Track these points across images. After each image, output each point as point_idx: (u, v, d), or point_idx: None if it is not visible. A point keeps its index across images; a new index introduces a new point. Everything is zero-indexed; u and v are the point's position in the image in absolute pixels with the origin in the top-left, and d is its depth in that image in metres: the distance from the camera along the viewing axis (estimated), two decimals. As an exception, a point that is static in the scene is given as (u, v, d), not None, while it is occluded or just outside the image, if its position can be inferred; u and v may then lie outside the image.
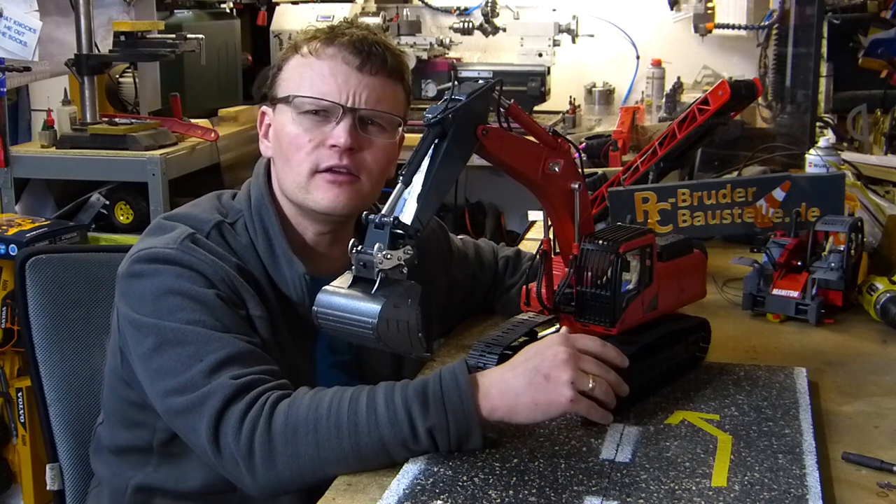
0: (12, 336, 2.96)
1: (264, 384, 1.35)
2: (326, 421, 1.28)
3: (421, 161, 1.24)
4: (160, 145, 3.17)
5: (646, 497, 1.16)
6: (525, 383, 1.28)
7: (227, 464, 1.32)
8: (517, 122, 1.37)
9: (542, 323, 1.48)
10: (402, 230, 1.20)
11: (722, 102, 1.91)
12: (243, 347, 1.39)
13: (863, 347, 1.70)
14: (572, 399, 1.27)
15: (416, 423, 1.25)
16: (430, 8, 4.51)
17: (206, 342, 1.38)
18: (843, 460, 1.28)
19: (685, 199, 1.92)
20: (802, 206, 1.90)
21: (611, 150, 2.90)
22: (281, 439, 1.28)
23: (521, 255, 1.92)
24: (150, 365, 1.41)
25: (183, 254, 1.45)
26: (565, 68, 4.27)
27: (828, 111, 3.09)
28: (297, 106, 1.52)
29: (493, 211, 4.41)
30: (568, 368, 1.28)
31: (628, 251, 1.39)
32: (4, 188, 3.18)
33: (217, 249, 1.49)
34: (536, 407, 1.27)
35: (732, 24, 3.82)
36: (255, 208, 1.55)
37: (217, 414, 1.31)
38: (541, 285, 1.43)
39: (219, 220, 1.54)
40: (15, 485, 3.12)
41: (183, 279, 1.43)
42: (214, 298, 1.42)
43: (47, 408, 1.81)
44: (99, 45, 3.36)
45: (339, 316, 1.21)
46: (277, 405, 1.31)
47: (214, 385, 1.33)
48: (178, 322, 1.40)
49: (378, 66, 1.53)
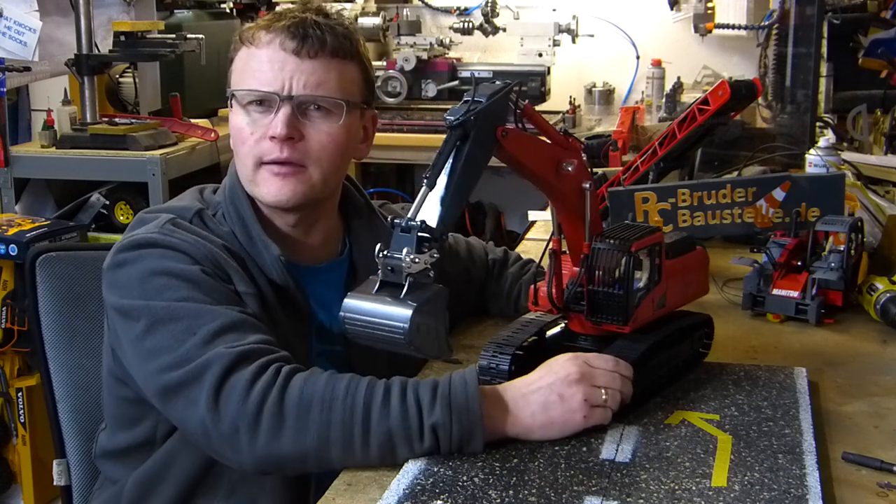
0: (12, 336, 2.96)
1: (267, 354, 1.32)
2: (343, 402, 1.26)
3: (444, 163, 1.24)
4: (160, 145, 3.17)
5: (646, 497, 1.16)
6: (541, 402, 1.29)
7: (224, 431, 1.27)
8: (532, 122, 1.37)
9: (551, 322, 1.48)
10: (429, 234, 1.19)
11: (722, 102, 1.91)
12: (237, 317, 1.37)
13: (863, 347, 1.70)
14: (586, 416, 1.30)
15: (424, 418, 1.25)
16: (430, 8, 4.51)
17: (198, 315, 1.36)
18: (843, 460, 1.27)
19: (685, 199, 1.92)
20: (802, 206, 1.90)
21: (611, 150, 2.89)
22: (293, 411, 1.26)
23: (508, 256, 1.92)
24: (142, 347, 1.38)
25: (165, 236, 1.44)
26: (565, 68, 4.27)
27: (828, 111, 3.09)
28: (240, 99, 1.52)
29: (493, 211, 4.41)
30: (581, 387, 1.30)
31: (639, 249, 1.39)
32: (4, 188, 3.18)
33: (200, 231, 1.49)
34: (552, 426, 1.30)
35: (732, 24, 3.82)
36: (230, 198, 1.55)
37: (218, 381, 1.28)
38: (550, 285, 1.43)
39: (200, 208, 1.54)
40: (15, 485, 3.12)
41: (167, 259, 1.42)
42: (200, 274, 1.41)
43: (56, 404, 1.82)
44: (99, 45, 3.36)
45: (367, 321, 1.20)
46: (293, 376, 1.29)
47: (212, 355, 1.30)
48: (167, 301, 1.38)
49: (316, 48, 1.49)
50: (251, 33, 1.52)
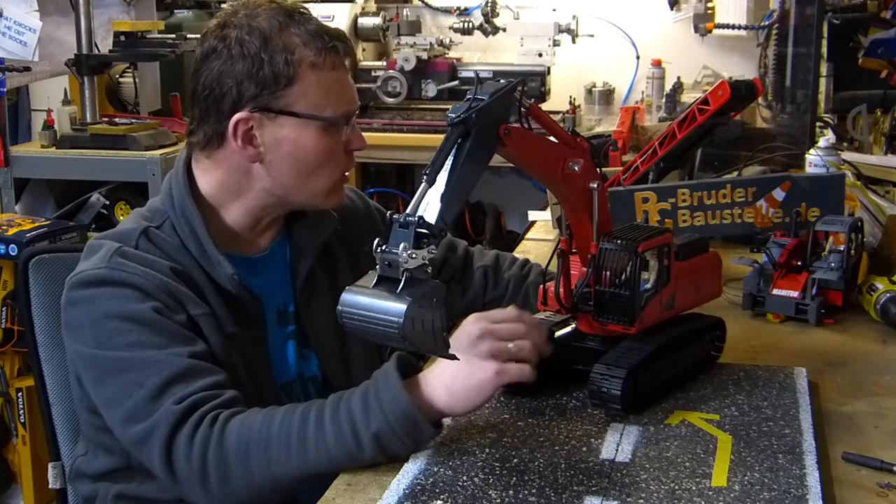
0: (12, 336, 2.97)
1: (210, 401, 1.35)
2: (277, 439, 1.30)
3: (444, 160, 1.24)
4: (160, 145, 3.17)
5: (646, 497, 1.16)
6: (451, 373, 1.30)
7: (184, 487, 1.34)
8: (537, 121, 1.37)
9: (559, 322, 1.48)
10: (427, 230, 1.20)
11: (722, 102, 1.91)
12: (183, 364, 1.38)
13: (863, 347, 1.70)
14: (498, 371, 1.29)
15: (360, 433, 1.27)
16: (430, 8, 4.51)
17: (145, 366, 1.38)
18: (843, 460, 1.28)
19: (685, 199, 1.92)
20: (802, 206, 1.90)
21: (611, 150, 2.89)
22: (234, 457, 1.31)
23: (501, 261, 1.89)
24: (98, 396, 1.44)
25: (112, 270, 1.44)
26: (565, 68, 4.27)
27: (828, 111, 3.09)
28: (326, 120, 1.51)
29: (493, 211, 4.41)
30: (485, 342, 1.30)
31: (647, 250, 1.39)
32: (4, 188, 3.18)
33: (147, 257, 1.48)
34: (469, 391, 1.29)
35: (732, 24, 3.81)
36: (179, 210, 1.53)
37: (166, 443, 1.33)
38: (558, 285, 1.43)
39: (144, 227, 1.52)
40: (15, 485, 3.12)
41: (115, 299, 1.42)
42: (150, 313, 1.41)
43: (50, 407, 1.81)
44: (99, 45, 3.37)
45: (363, 315, 1.21)
46: (229, 422, 1.33)
47: (159, 415, 1.34)
48: (115, 349, 1.40)
49: (350, 62, 1.56)
50: (315, 57, 1.49)
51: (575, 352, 1.46)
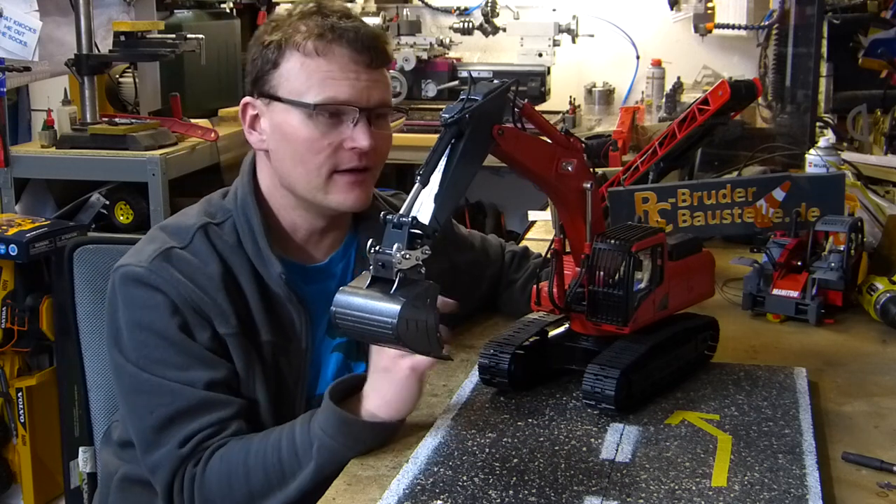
0: (12, 336, 2.97)
1: (212, 438, 1.42)
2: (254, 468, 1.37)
3: (438, 161, 1.24)
4: (160, 145, 3.17)
5: (646, 497, 1.16)
6: (376, 380, 1.35)
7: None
8: (531, 122, 1.37)
9: (553, 322, 1.48)
10: (420, 230, 1.20)
11: (722, 102, 1.91)
12: (194, 398, 1.43)
13: (863, 347, 1.70)
14: (412, 366, 1.32)
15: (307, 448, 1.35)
16: (430, 8, 4.51)
17: (159, 393, 1.44)
18: (843, 460, 1.28)
19: (685, 199, 1.92)
20: (802, 206, 1.90)
21: (611, 150, 2.90)
22: (217, 493, 1.39)
23: (529, 252, 1.91)
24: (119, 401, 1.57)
25: (151, 273, 1.47)
26: (565, 68, 4.28)
27: (828, 111, 3.09)
28: (311, 108, 1.49)
29: (493, 211, 4.41)
30: (383, 355, 1.34)
31: (640, 250, 1.39)
32: (4, 188, 3.18)
33: (192, 261, 1.49)
34: (397, 389, 1.34)
35: (732, 24, 3.82)
36: (241, 207, 1.55)
37: (167, 486, 1.43)
38: (552, 285, 1.43)
39: (204, 223, 1.53)
40: (15, 485, 3.12)
41: (148, 309, 1.46)
42: (176, 332, 1.45)
43: (87, 392, 1.91)
44: (99, 45, 3.36)
45: (357, 316, 1.21)
46: (210, 460, 1.40)
47: (162, 456, 1.43)
48: (139, 364, 1.46)
49: (381, 61, 1.53)
50: (316, 44, 1.49)
51: (569, 352, 1.46)
